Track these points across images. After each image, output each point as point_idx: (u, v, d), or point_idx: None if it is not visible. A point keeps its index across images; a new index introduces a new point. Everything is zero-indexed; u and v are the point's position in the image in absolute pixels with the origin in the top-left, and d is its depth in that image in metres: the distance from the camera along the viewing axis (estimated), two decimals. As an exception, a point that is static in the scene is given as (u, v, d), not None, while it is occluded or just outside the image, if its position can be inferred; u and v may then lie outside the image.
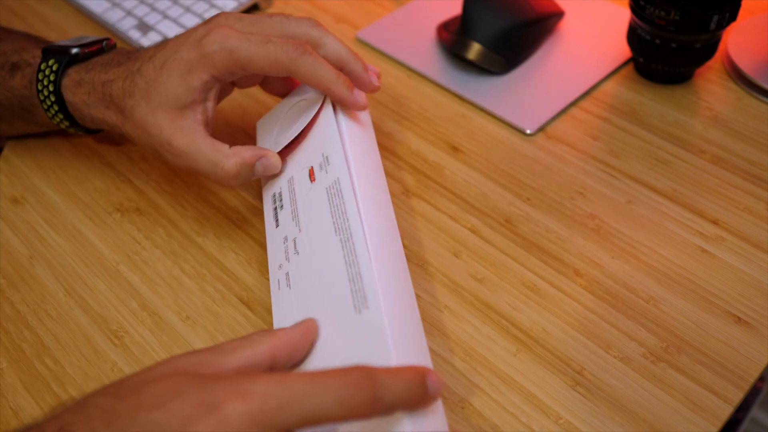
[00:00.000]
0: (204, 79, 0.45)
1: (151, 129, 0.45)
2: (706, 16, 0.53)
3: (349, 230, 0.40)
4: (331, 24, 0.69)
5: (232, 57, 0.44)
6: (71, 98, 0.49)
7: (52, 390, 0.43)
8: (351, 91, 0.46)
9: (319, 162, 0.45)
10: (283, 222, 0.45)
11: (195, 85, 0.45)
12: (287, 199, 0.46)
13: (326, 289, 0.39)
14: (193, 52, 0.45)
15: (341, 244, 0.40)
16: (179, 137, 0.45)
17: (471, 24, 0.61)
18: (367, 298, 0.37)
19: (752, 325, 0.44)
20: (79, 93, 0.49)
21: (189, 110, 0.46)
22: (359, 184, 0.42)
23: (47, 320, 0.47)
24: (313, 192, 0.44)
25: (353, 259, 0.39)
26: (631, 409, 0.41)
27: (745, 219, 0.50)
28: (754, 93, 0.59)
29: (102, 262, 0.50)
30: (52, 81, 0.49)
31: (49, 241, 0.51)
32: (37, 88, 0.49)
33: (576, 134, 0.57)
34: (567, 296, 0.46)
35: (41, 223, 0.52)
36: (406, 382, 0.32)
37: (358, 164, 0.44)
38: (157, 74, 0.45)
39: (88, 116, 0.49)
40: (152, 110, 0.45)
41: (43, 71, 0.49)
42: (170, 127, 0.45)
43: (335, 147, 0.44)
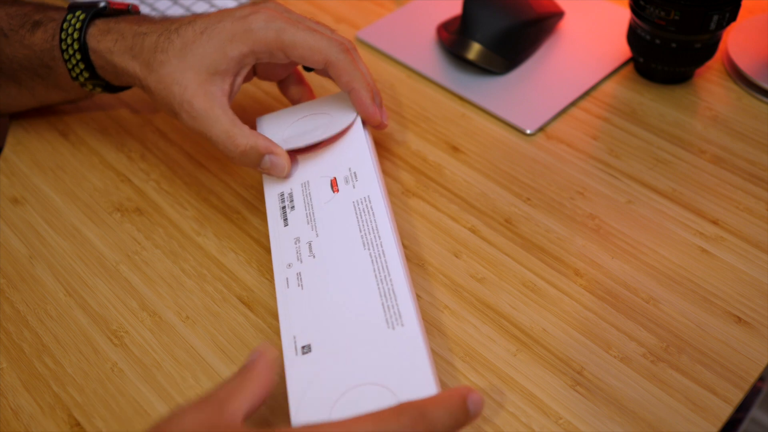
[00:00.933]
0: (243, 51, 0.46)
1: (175, 87, 0.46)
2: (706, 16, 0.53)
3: (381, 247, 0.42)
4: (331, 24, 0.69)
5: (278, 37, 0.46)
6: (96, 45, 0.49)
7: (52, 390, 0.43)
8: (374, 102, 0.48)
9: (345, 176, 0.46)
10: (294, 223, 0.45)
11: (233, 55, 0.46)
12: (301, 202, 0.46)
13: (351, 299, 0.40)
14: (238, 24, 0.46)
15: (371, 259, 0.42)
16: (202, 100, 0.46)
17: (471, 24, 0.61)
18: (402, 316, 0.39)
19: (752, 325, 0.44)
20: (104, 41, 0.49)
21: (218, 78, 0.46)
22: (387, 204, 0.45)
23: (47, 320, 0.47)
24: (335, 202, 0.45)
25: (385, 275, 0.41)
26: (631, 409, 0.41)
27: (745, 219, 0.50)
28: (754, 93, 0.59)
29: (102, 262, 0.50)
30: (77, 29, 0.49)
31: (49, 241, 0.51)
32: (61, 37, 0.50)
33: (576, 134, 0.57)
34: (567, 296, 0.46)
35: (41, 223, 0.52)
36: (452, 411, 0.33)
37: (382, 184, 0.46)
38: (196, 37, 0.46)
39: (110, 66, 0.49)
40: (182, 69, 0.46)
41: (68, 21, 0.50)
42: (195, 89, 0.46)
43: (366, 166, 0.47)
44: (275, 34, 0.46)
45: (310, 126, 0.50)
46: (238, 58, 0.46)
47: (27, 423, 0.42)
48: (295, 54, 0.46)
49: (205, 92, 0.46)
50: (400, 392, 0.36)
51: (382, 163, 0.55)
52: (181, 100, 0.46)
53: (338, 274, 0.42)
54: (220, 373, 0.43)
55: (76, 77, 0.51)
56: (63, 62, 0.51)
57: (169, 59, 0.46)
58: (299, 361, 0.38)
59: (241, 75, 0.48)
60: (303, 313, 0.41)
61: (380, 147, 0.57)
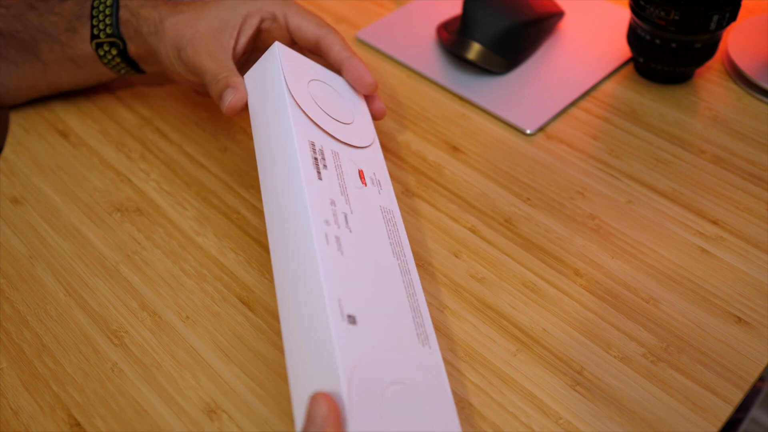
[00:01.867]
0: (250, 9, 0.50)
1: (187, 29, 0.50)
2: (706, 16, 0.53)
3: (407, 264, 0.43)
4: (331, 24, 0.69)
5: (285, 3, 0.51)
6: (128, 1, 0.53)
7: (52, 390, 0.43)
8: (366, 68, 0.50)
9: (370, 176, 0.46)
10: (328, 182, 0.41)
11: (240, 11, 0.50)
12: (332, 165, 0.43)
13: (389, 296, 0.39)
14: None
15: (399, 270, 0.42)
16: (209, 41, 0.49)
17: (471, 24, 0.61)
18: (429, 338, 0.40)
19: (752, 325, 0.44)
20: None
21: (227, 31, 0.50)
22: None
23: (47, 320, 0.47)
24: (365, 195, 0.44)
25: (412, 292, 0.41)
26: (631, 409, 0.41)
27: (745, 219, 0.50)
28: (754, 93, 0.59)
29: (102, 262, 0.50)
30: (109, 5, 0.53)
31: (49, 241, 0.51)
32: (94, 5, 0.53)
33: (576, 134, 0.57)
34: (567, 296, 0.46)
35: (41, 223, 0.52)
36: None
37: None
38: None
39: (134, 18, 0.52)
40: (197, 17, 0.50)
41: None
42: (204, 33, 0.50)
43: (386, 179, 0.47)
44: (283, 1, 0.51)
45: (328, 97, 0.48)
46: (244, 15, 0.50)
47: (27, 423, 0.42)
48: (295, 22, 0.51)
49: (214, 38, 0.50)
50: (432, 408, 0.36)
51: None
52: (190, 38, 0.50)
53: (374, 267, 0.39)
54: (220, 374, 0.43)
55: (97, 34, 0.53)
56: (89, 21, 0.53)
57: (187, 9, 0.51)
58: (347, 330, 0.34)
59: (245, 34, 0.51)
60: (348, 279, 0.37)
61: (381, 147, 0.56)
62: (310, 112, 0.45)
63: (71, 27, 0.54)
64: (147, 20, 0.52)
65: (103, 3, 0.53)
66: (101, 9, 0.53)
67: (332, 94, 0.49)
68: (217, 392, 0.42)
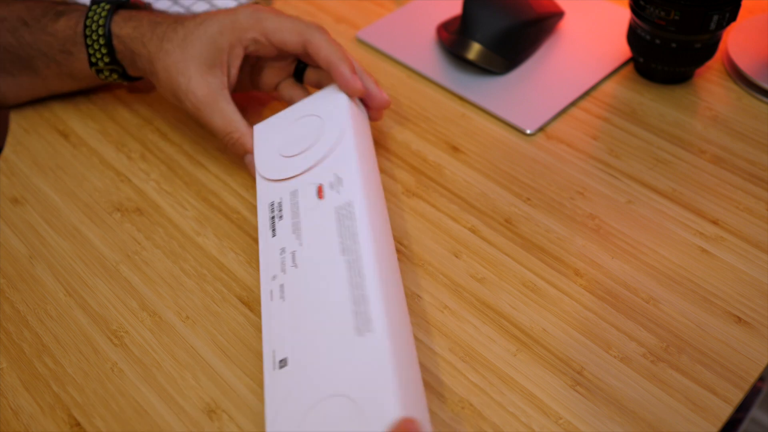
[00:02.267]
0: (231, 41, 0.50)
1: (181, 77, 0.50)
2: (706, 16, 0.53)
3: (357, 252, 0.41)
4: (331, 24, 0.69)
5: (259, 22, 0.50)
6: (118, 31, 0.53)
7: (52, 390, 0.43)
8: (354, 72, 0.51)
9: (330, 182, 0.45)
10: (281, 233, 0.45)
11: (222, 47, 0.50)
12: (288, 211, 0.46)
13: (325, 307, 0.40)
14: (226, 17, 0.51)
15: (347, 265, 0.41)
16: (205, 91, 0.50)
17: (471, 24, 0.61)
18: (372, 322, 0.38)
19: (752, 325, 0.44)
20: (126, 27, 0.53)
21: (217, 70, 0.51)
22: (369, 209, 0.44)
23: (47, 320, 0.47)
24: (319, 209, 0.44)
25: (359, 281, 0.40)
26: (631, 409, 0.41)
27: (745, 219, 0.50)
28: (754, 93, 0.59)
29: (102, 262, 0.50)
30: (103, 17, 0.53)
31: (49, 241, 0.51)
32: (86, 24, 0.53)
33: (576, 134, 0.57)
34: (567, 296, 0.46)
35: (41, 223, 0.52)
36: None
37: (368, 188, 0.45)
38: (194, 27, 0.51)
39: (128, 51, 0.53)
40: (185, 59, 0.50)
41: (94, 10, 0.54)
42: (198, 80, 0.50)
43: (351, 171, 0.46)
44: (257, 20, 0.50)
45: (305, 132, 0.50)
46: (227, 50, 0.51)
47: (27, 423, 0.42)
48: (276, 37, 0.51)
49: (207, 83, 0.50)
50: (362, 402, 0.35)
51: (382, 162, 0.55)
52: (186, 90, 0.50)
53: (316, 283, 0.41)
54: (220, 374, 0.43)
55: (96, 62, 0.54)
56: (85, 47, 0.53)
57: (173, 49, 0.51)
58: (276, 376, 0.38)
59: (234, 66, 0.52)
60: (282, 325, 0.40)
61: (380, 147, 0.57)
62: (275, 173, 0.48)
63: (66, 50, 0.54)
64: (140, 57, 0.52)
65: (95, 32, 0.53)
66: (95, 38, 0.53)
67: (302, 125, 0.50)
68: (217, 392, 0.42)
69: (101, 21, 0.52)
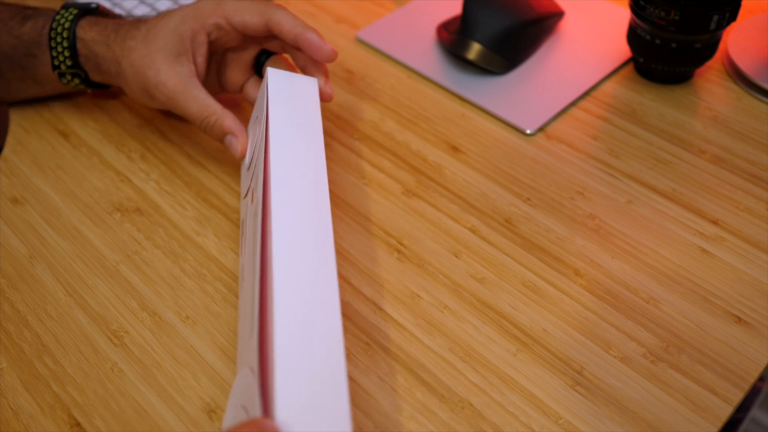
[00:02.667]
0: (194, 28, 0.50)
1: (148, 70, 0.50)
2: (706, 16, 0.53)
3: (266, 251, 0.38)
4: (331, 24, 0.69)
5: (220, 6, 0.50)
6: (83, 35, 0.53)
7: (52, 390, 0.43)
8: (321, 38, 0.50)
9: (255, 185, 0.44)
10: (242, 251, 0.46)
11: (186, 35, 0.50)
12: (243, 231, 0.47)
13: (243, 316, 0.41)
14: (189, 7, 0.51)
15: (259, 267, 0.38)
16: (175, 80, 0.50)
17: (471, 24, 0.61)
18: (253, 327, 0.36)
19: (752, 325, 0.44)
20: (91, 31, 0.53)
21: (183, 58, 0.50)
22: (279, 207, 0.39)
23: (47, 320, 0.47)
24: (249, 215, 0.45)
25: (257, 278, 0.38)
26: (631, 409, 0.41)
27: (745, 219, 0.50)
28: (754, 93, 0.59)
29: (102, 262, 0.50)
30: (69, 20, 0.53)
31: (49, 241, 0.51)
32: (51, 26, 0.53)
33: (576, 134, 0.57)
34: (567, 296, 0.46)
35: (41, 223, 0.52)
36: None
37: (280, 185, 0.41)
38: (156, 21, 0.51)
39: (92, 54, 0.53)
40: (150, 53, 0.50)
41: (62, 14, 0.54)
42: (167, 71, 0.50)
43: (260, 168, 0.43)
44: (217, 4, 0.51)
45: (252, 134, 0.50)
46: (190, 37, 0.51)
47: (27, 423, 0.42)
48: (237, 19, 0.50)
49: (176, 73, 0.50)
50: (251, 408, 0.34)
51: (382, 163, 0.55)
52: (155, 82, 0.50)
53: (244, 294, 0.42)
54: (220, 373, 0.43)
55: (58, 65, 0.54)
56: (48, 50, 0.53)
57: (137, 45, 0.51)
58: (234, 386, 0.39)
59: (200, 54, 0.51)
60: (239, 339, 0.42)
61: (381, 147, 0.57)
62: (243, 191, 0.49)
63: (31, 53, 0.54)
64: (105, 59, 0.52)
65: (60, 35, 0.53)
66: (59, 41, 0.53)
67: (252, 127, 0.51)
68: (217, 392, 0.42)
69: (66, 24, 0.53)
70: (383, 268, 0.48)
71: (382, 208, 0.52)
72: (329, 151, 0.57)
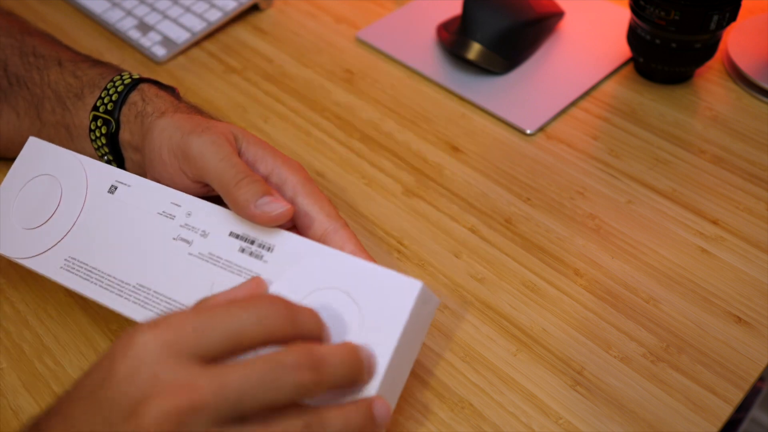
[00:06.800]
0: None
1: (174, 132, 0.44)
2: (706, 16, 0.53)
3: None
4: (331, 24, 0.69)
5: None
6: (145, 88, 0.48)
7: (52, 390, 0.43)
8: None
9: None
10: None
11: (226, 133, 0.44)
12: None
13: None
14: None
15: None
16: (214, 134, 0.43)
17: (471, 24, 0.61)
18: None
19: (752, 325, 0.44)
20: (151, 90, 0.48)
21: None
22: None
23: (47, 320, 0.47)
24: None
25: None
26: (631, 409, 0.41)
27: (745, 219, 0.50)
28: (754, 93, 0.59)
29: (102, 262, 0.50)
30: (135, 77, 0.49)
31: (49, 241, 0.51)
32: (120, 74, 0.49)
33: (576, 134, 0.57)
34: (567, 296, 0.46)
35: (41, 223, 0.52)
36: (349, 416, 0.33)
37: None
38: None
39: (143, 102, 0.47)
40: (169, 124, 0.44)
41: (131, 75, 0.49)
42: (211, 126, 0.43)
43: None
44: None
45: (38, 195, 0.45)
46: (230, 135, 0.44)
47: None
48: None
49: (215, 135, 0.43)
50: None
51: (382, 163, 0.55)
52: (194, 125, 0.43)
53: None
54: (220, 373, 0.43)
55: (98, 107, 0.49)
56: (99, 91, 0.49)
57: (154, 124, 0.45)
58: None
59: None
60: None
61: (381, 147, 0.57)
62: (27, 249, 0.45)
63: (81, 93, 0.51)
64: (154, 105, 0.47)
65: (121, 80, 0.49)
66: (116, 84, 0.48)
67: (32, 190, 0.46)
68: (217, 392, 0.42)
69: (135, 76, 0.49)
70: (383, 268, 0.48)
71: (382, 208, 0.52)
72: (330, 151, 0.57)
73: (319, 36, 0.68)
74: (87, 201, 0.44)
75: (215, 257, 0.40)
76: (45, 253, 0.43)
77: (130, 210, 0.42)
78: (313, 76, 0.63)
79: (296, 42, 0.67)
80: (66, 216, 0.44)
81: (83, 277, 0.42)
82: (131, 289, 0.40)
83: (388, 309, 0.35)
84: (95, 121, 0.49)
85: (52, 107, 0.52)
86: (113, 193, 0.43)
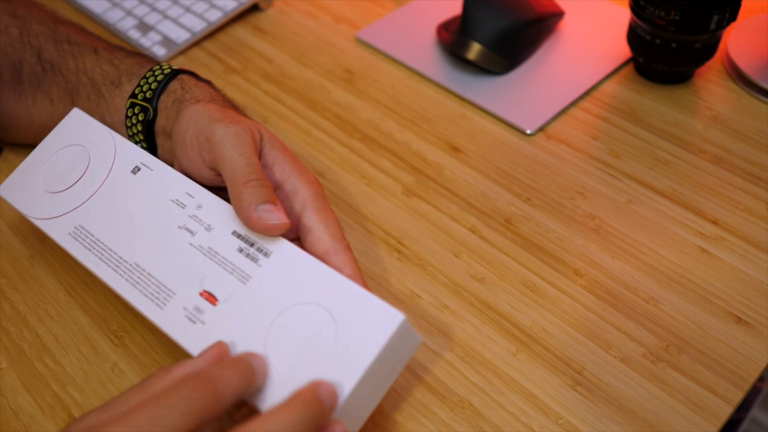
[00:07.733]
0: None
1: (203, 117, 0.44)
2: (706, 16, 0.53)
3: None
4: (331, 24, 0.69)
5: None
6: (185, 77, 0.48)
7: (52, 390, 0.43)
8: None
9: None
10: None
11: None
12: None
13: None
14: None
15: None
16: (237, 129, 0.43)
17: (471, 24, 0.61)
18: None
19: (752, 325, 0.44)
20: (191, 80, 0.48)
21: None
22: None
23: (47, 320, 0.47)
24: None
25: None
26: (631, 409, 0.41)
27: (745, 219, 0.50)
28: (754, 93, 0.59)
29: (102, 262, 0.50)
30: (174, 68, 0.49)
31: (49, 241, 0.51)
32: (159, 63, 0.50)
33: (576, 134, 0.57)
34: (567, 296, 0.46)
35: (41, 223, 0.52)
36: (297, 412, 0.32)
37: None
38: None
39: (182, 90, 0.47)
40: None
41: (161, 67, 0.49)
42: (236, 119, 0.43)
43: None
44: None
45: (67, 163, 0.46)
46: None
47: (27, 423, 0.42)
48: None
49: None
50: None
51: (382, 163, 0.55)
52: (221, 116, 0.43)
53: None
54: (220, 373, 0.43)
55: (137, 94, 0.49)
56: (138, 80, 0.49)
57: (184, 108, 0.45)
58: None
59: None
60: None
61: (381, 147, 0.57)
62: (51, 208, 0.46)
63: (118, 81, 0.50)
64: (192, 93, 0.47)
65: (161, 70, 0.48)
66: (156, 74, 0.48)
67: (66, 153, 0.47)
68: (217, 392, 0.42)
69: (174, 67, 0.49)
70: (383, 268, 0.48)
71: (382, 208, 0.52)
72: (330, 151, 0.57)
73: (319, 36, 0.68)
74: (109, 176, 0.45)
75: (213, 252, 0.40)
76: (58, 218, 0.44)
77: (146, 192, 0.43)
78: (313, 76, 0.63)
79: (296, 42, 0.67)
80: (87, 187, 0.45)
81: (86, 246, 0.42)
82: (128, 267, 0.41)
83: (365, 336, 0.35)
84: (132, 108, 0.49)
85: (87, 94, 0.52)
86: (135, 174, 0.44)
